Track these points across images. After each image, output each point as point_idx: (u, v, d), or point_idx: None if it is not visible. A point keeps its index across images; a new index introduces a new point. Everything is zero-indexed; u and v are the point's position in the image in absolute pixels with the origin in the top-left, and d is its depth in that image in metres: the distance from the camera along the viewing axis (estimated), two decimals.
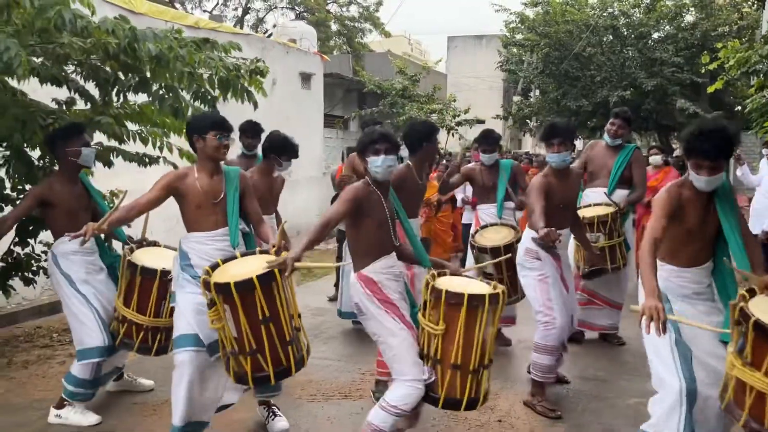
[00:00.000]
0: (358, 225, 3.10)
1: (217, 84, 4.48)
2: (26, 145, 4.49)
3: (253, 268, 2.89)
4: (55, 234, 3.90)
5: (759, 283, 2.68)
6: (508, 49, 20.46)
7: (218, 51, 4.53)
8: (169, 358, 3.28)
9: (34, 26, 3.79)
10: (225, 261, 3.10)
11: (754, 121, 7.67)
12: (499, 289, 2.95)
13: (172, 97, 4.52)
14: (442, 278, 3.13)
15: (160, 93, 4.50)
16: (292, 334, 2.96)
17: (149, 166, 5.02)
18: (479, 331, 2.86)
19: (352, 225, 3.12)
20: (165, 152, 5.04)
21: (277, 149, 4.39)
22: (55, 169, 4.06)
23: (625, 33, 17.38)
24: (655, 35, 17.30)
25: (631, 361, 4.98)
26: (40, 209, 3.91)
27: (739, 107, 12.35)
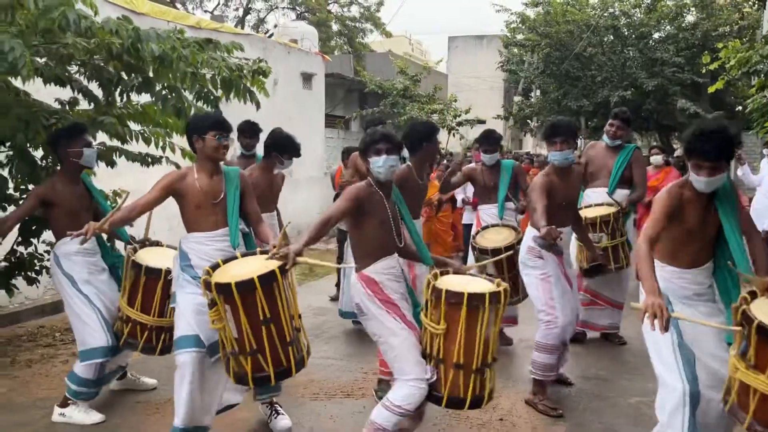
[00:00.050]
0: (359, 225, 3.10)
1: (219, 84, 4.49)
2: (29, 145, 4.49)
3: (253, 269, 2.89)
4: (57, 234, 3.90)
5: (760, 285, 2.67)
6: (508, 49, 20.47)
7: (221, 51, 4.54)
8: (173, 357, 3.29)
9: (37, 27, 3.80)
10: (225, 261, 3.10)
11: (755, 121, 7.68)
12: (501, 287, 2.92)
13: (175, 98, 4.52)
14: (445, 277, 3.12)
15: (163, 93, 4.52)
16: (292, 335, 2.95)
17: (152, 166, 5.03)
18: (481, 330, 2.84)
19: (354, 225, 3.13)
20: (167, 152, 5.05)
21: (280, 147, 4.37)
22: (58, 170, 4.06)
23: (626, 33, 17.39)
24: (656, 35, 17.31)
25: (632, 361, 4.99)
26: (43, 209, 3.91)
27: (740, 107, 12.34)
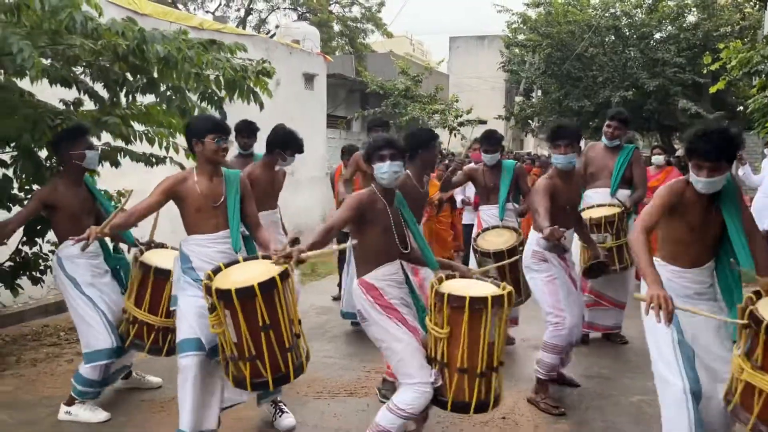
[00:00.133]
0: (362, 232, 3.10)
1: (223, 85, 4.51)
2: (34, 146, 4.52)
3: (254, 275, 2.89)
4: (60, 237, 3.89)
5: (765, 286, 2.66)
6: (510, 50, 20.46)
7: (224, 52, 4.57)
8: (176, 357, 3.31)
9: (42, 28, 3.83)
10: (227, 265, 3.09)
11: (756, 122, 7.71)
12: (506, 291, 2.90)
13: (179, 98, 4.55)
14: (450, 281, 3.10)
15: (167, 94, 4.54)
16: (291, 341, 2.95)
17: (156, 166, 5.06)
18: (484, 334, 2.81)
19: (357, 231, 3.13)
20: (171, 152, 5.08)
21: (282, 143, 4.36)
22: (60, 172, 4.05)
23: (627, 33, 17.38)
24: (657, 36, 17.30)
25: (634, 360, 5.01)
26: (47, 212, 3.91)
27: (741, 107, 12.34)
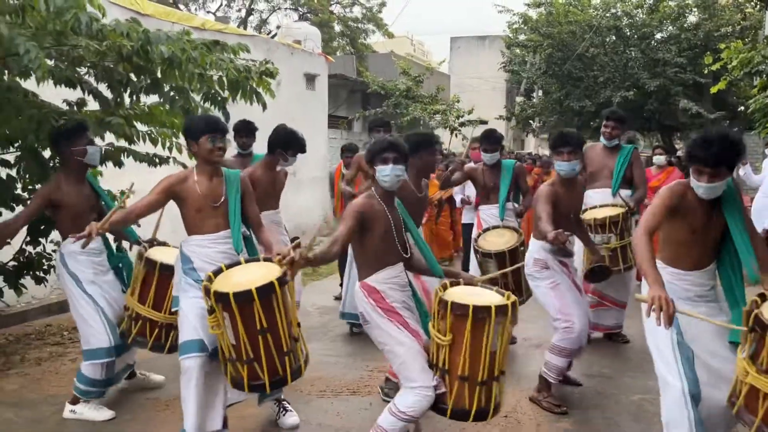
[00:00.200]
0: (361, 236, 3.11)
1: (227, 85, 4.53)
2: (38, 146, 4.54)
3: (254, 277, 2.89)
4: (63, 234, 3.92)
5: None
6: (511, 50, 20.48)
7: (228, 53, 4.59)
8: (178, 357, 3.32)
9: (47, 28, 3.85)
10: (229, 267, 3.09)
11: (757, 122, 7.73)
12: (510, 300, 2.89)
13: (183, 98, 4.57)
14: (454, 288, 3.08)
15: (171, 94, 4.56)
16: (289, 345, 2.95)
17: (159, 167, 5.08)
18: (486, 343, 2.81)
19: (357, 236, 3.13)
20: (174, 152, 5.10)
21: (284, 143, 4.36)
22: (62, 170, 4.05)
23: (628, 33, 17.40)
24: (658, 36, 17.32)
25: (635, 359, 5.03)
26: (51, 210, 3.93)
27: (742, 107, 12.37)
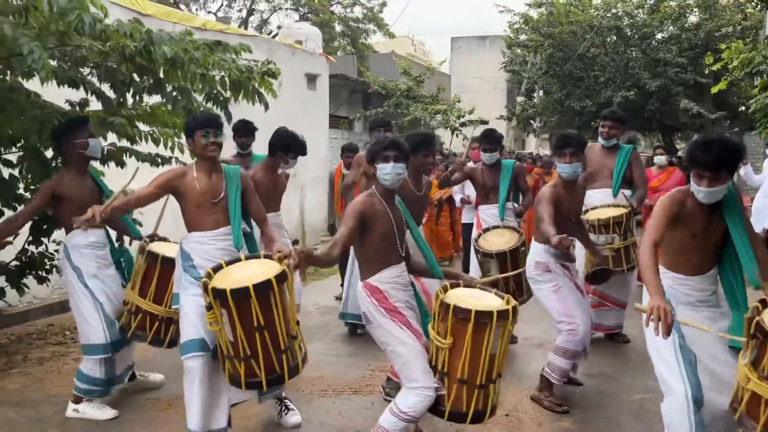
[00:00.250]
0: (362, 236, 3.11)
1: (229, 86, 4.54)
2: (40, 146, 4.55)
3: (253, 275, 2.89)
4: (68, 227, 3.94)
5: None
6: (511, 50, 20.50)
7: (230, 53, 4.60)
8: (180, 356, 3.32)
9: (50, 29, 3.87)
10: (228, 263, 3.10)
11: (758, 122, 7.75)
12: (510, 305, 2.89)
13: (185, 99, 4.58)
14: (454, 290, 3.08)
15: (173, 95, 4.57)
16: (287, 343, 2.95)
17: (161, 166, 5.10)
18: (487, 347, 2.82)
19: (358, 236, 3.12)
20: (176, 152, 5.12)
21: (284, 146, 4.36)
22: (64, 164, 4.06)
23: (629, 33, 17.42)
24: (659, 36, 17.33)
25: (636, 359, 5.04)
26: (53, 203, 3.92)
27: (743, 108, 12.40)
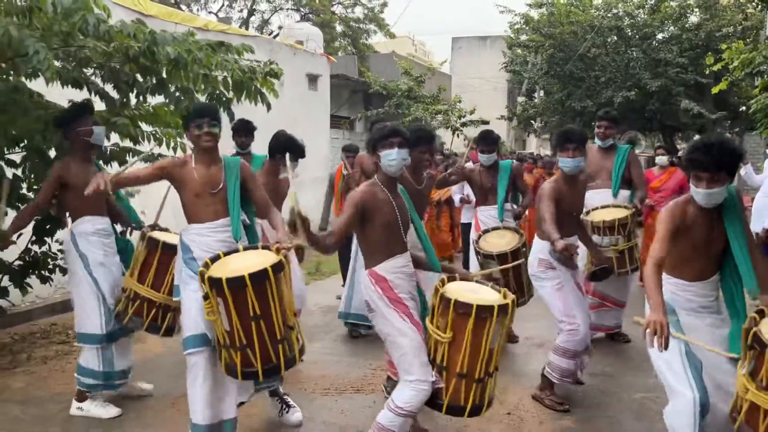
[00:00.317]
0: (364, 225, 3.10)
1: (231, 86, 4.56)
2: (44, 146, 4.57)
3: (250, 264, 2.90)
4: (73, 215, 3.96)
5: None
6: (512, 50, 20.51)
7: (232, 54, 4.62)
8: (183, 352, 3.32)
9: (53, 30, 3.88)
10: (227, 254, 3.11)
11: (759, 122, 7.76)
12: (509, 299, 2.91)
13: (188, 99, 4.60)
14: (452, 284, 3.08)
15: (176, 95, 4.60)
16: (283, 333, 2.94)
17: None
18: (486, 341, 2.83)
19: (360, 225, 3.12)
20: (179, 152, 5.13)
21: (283, 149, 4.39)
22: (70, 151, 4.04)
23: (630, 34, 17.43)
24: (660, 36, 17.35)
25: (636, 358, 5.07)
26: (59, 193, 3.93)
27: (744, 108, 12.40)
